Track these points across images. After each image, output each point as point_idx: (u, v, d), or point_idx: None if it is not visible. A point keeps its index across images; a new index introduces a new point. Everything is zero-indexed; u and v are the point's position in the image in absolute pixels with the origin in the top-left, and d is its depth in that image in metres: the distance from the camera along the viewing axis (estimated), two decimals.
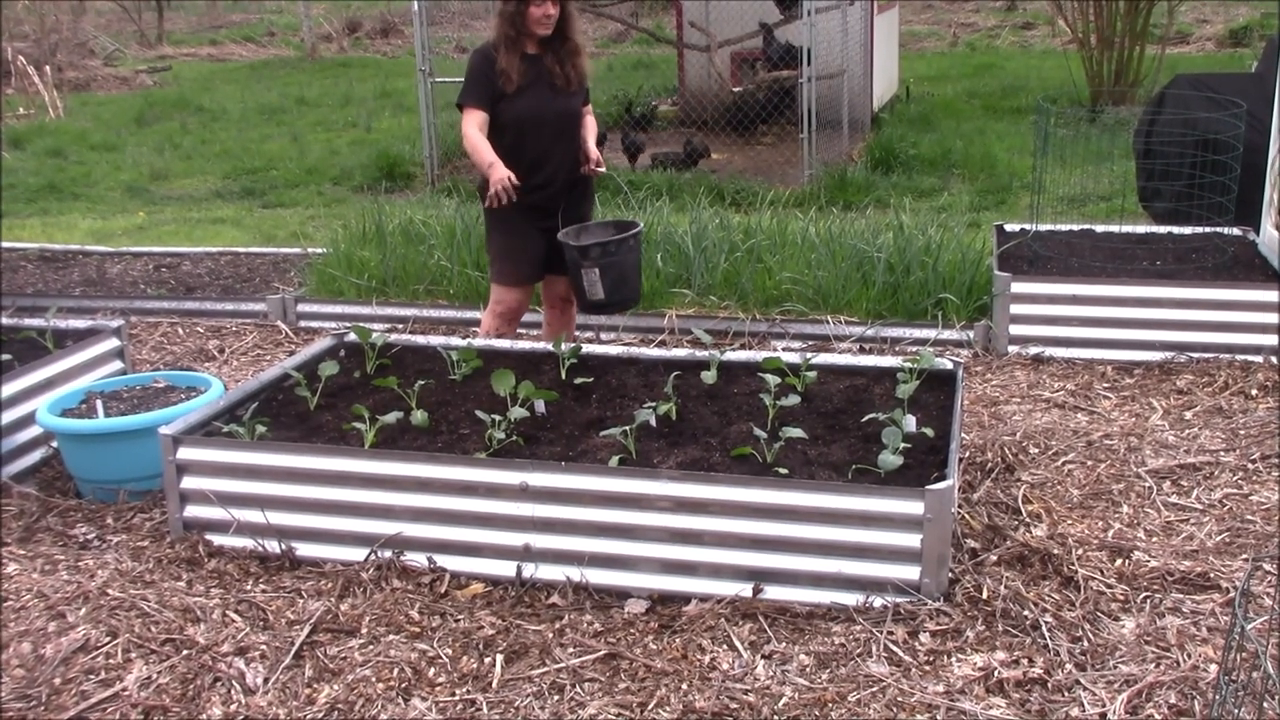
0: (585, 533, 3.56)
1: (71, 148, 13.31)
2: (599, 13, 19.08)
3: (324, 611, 3.46)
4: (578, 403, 4.27)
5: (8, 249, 8.19)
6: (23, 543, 4.00)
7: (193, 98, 17.10)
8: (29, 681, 3.17)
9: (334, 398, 4.38)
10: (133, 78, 20.18)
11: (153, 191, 11.19)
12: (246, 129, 14.53)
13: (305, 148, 13.01)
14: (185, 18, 30.84)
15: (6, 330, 5.05)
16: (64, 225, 9.64)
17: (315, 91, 17.53)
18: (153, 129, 14.68)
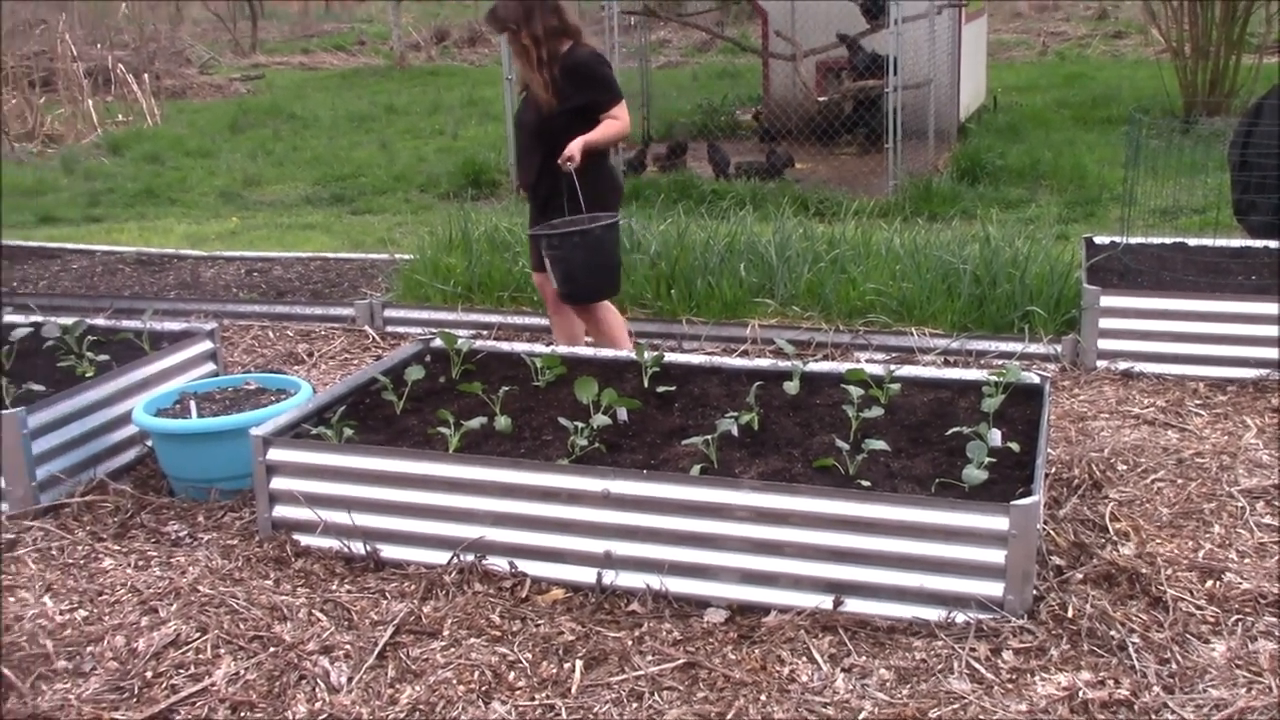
0: (666, 541, 3.57)
1: (168, 154, 13.65)
2: (685, 22, 19.12)
3: (407, 613, 3.51)
4: (660, 411, 4.29)
5: (108, 252, 8.41)
6: (118, 538, 4.11)
7: (285, 105, 17.45)
8: (122, 674, 3.26)
9: (419, 402, 4.44)
10: (227, 85, 20.64)
11: (245, 197, 11.44)
12: (337, 136, 14.79)
13: (393, 155, 13.21)
14: (278, 27, 31.48)
15: (105, 332, 5.19)
16: (160, 230, 9.89)
17: (404, 99, 17.79)
18: (246, 135, 15.00)
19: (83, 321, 5.13)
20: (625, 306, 6.39)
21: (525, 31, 4.99)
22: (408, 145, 13.89)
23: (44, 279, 7.79)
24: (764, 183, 10.28)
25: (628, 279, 6.54)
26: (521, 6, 4.98)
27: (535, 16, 4.98)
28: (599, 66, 5.08)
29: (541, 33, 4.99)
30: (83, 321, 5.13)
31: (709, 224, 7.32)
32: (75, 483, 4.42)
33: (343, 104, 17.77)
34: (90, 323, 5.21)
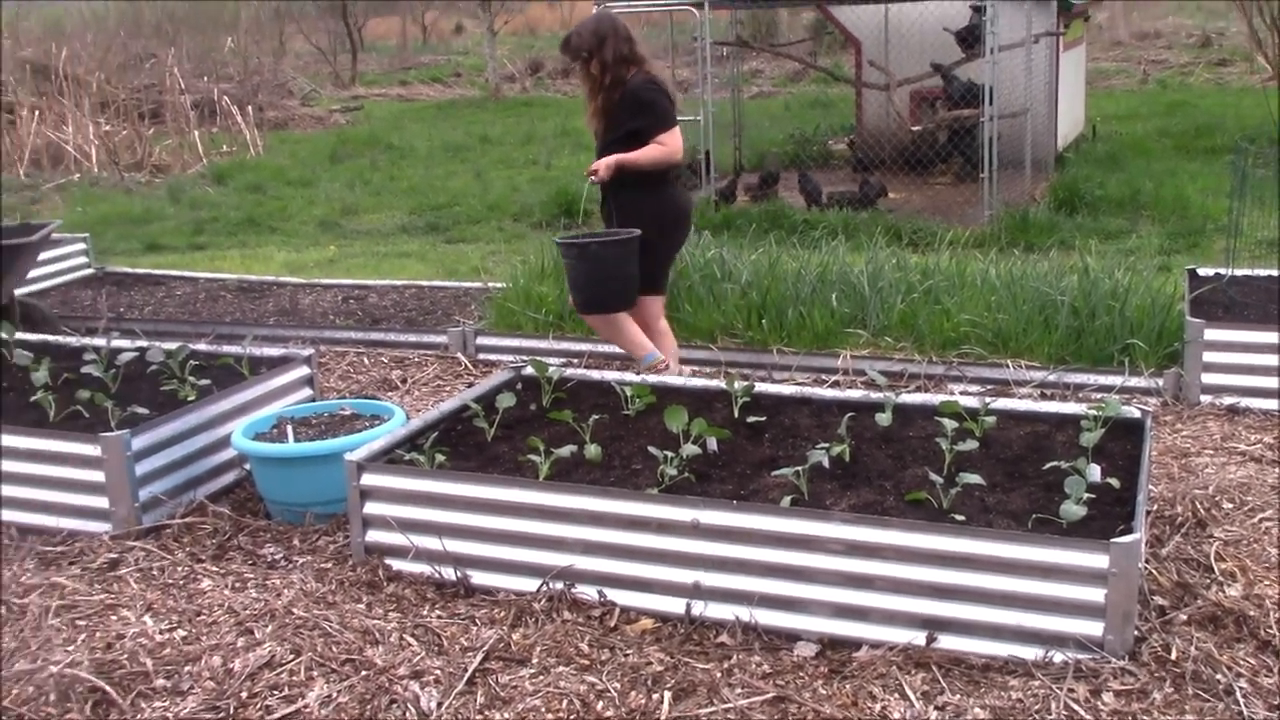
0: (755, 572, 3.54)
1: (270, 183, 13.98)
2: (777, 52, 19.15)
3: (496, 640, 3.52)
4: (750, 441, 4.26)
5: (211, 279, 8.63)
6: (216, 560, 4.19)
7: (382, 136, 17.79)
8: (218, 694, 3.31)
9: (510, 429, 4.47)
10: (327, 117, 21.11)
11: (343, 226, 11.66)
12: (432, 166, 15.03)
13: (487, 185, 13.38)
14: (377, 59, 32.14)
15: (207, 356, 5.31)
16: (261, 257, 10.12)
17: (498, 130, 18.03)
18: (345, 166, 15.32)
19: (186, 346, 5.26)
20: (716, 336, 6.39)
21: (596, 59, 5.19)
22: (501, 175, 14.07)
23: (149, 305, 8.00)
24: (856, 212, 10.22)
25: (718, 308, 6.54)
26: (596, 35, 5.19)
27: (608, 44, 5.17)
28: (648, 92, 5.19)
29: (611, 59, 5.18)
30: (186, 346, 5.26)
31: (800, 254, 7.29)
32: (176, 504, 4.52)
33: (438, 134, 18.07)
34: (193, 348, 5.34)
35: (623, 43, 5.20)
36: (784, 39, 22.41)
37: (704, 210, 10.40)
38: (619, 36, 5.20)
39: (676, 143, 5.22)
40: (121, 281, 8.72)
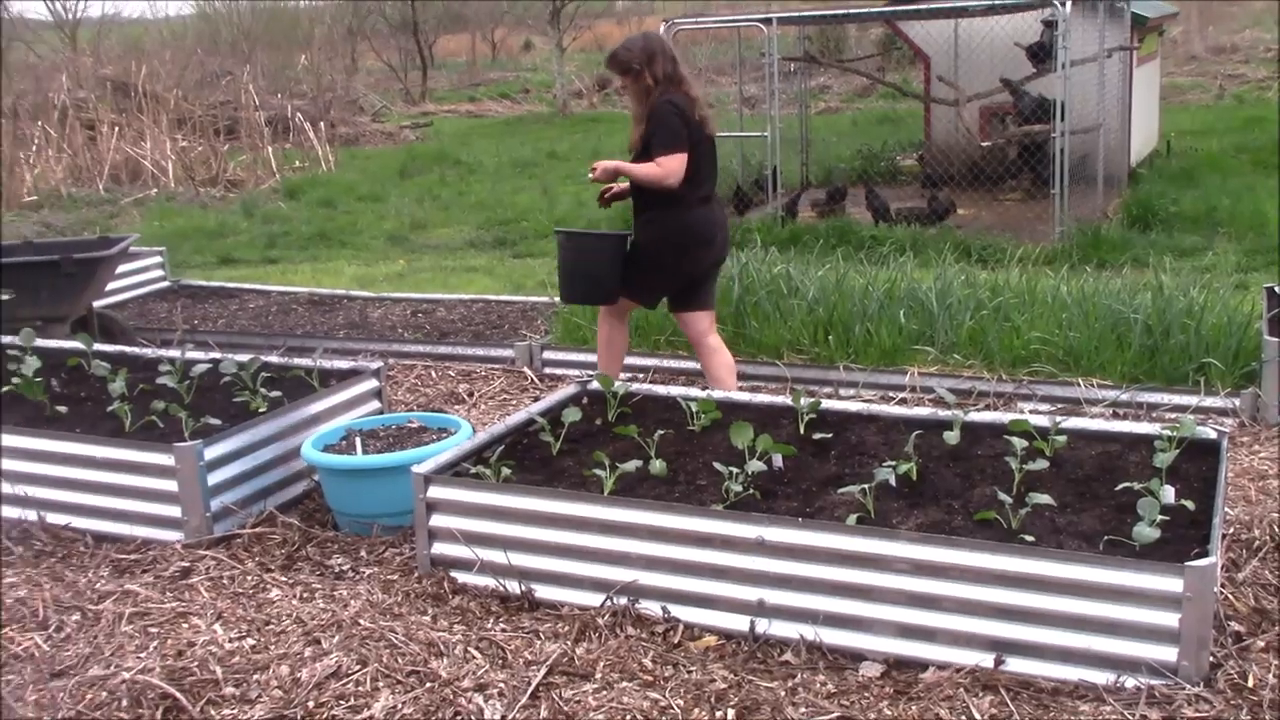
0: (821, 591, 3.51)
1: (341, 199, 14.17)
2: (845, 68, 19.08)
3: (560, 654, 3.53)
4: (816, 458, 4.24)
5: (283, 292, 8.75)
6: (285, 570, 4.24)
7: (451, 151, 17.96)
8: (286, 703, 3.34)
9: (576, 444, 4.48)
10: (397, 133, 21.37)
11: (412, 240, 11.79)
12: (500, 181, 15.14)
13: (554, 200, 13.45)
14: (447, 76, 32.50)
15: (278, 368, 5.38)
16: (331, 271, 10.25)
17: (565, 146, 18.14)
18: (414, 181, 15.49)
19: (258, 358, 5.34)
20: (782, 352, 6.37)
21: (648, 73, 5.30)
22: (568, 190, 14.14)
23: (223, 317, 8.14)
24: (925, 228, 10.14)
25: (784, 324, 6.52)
26: (646, 52, 5.31)
27: (657, 60, 5.30)
28: (661, 110, 5.25)
29: (660, 76, 5.29)
30: (258, 358, 5.34)
31: (868, 270, 7.25)
32: (247, 514, 4.58)
33: (506, 150, 18.21)
34: (264, 360, 5.42)
35: (668, 62, 5.32)
36: (852, 54, 22.32)
37: (770, 226, 10.38)
38: (666, 56, 5.33)
39: (671, 166, 5.18)
40: (196, 294, 8.88)
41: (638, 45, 5.36)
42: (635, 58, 5.30)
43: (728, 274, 6.90)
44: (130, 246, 7.31)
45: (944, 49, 12.84)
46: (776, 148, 10.95)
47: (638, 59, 5.29)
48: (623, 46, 5.43)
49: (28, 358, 5.37)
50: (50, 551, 4.46)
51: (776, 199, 11.00)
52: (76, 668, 3.58)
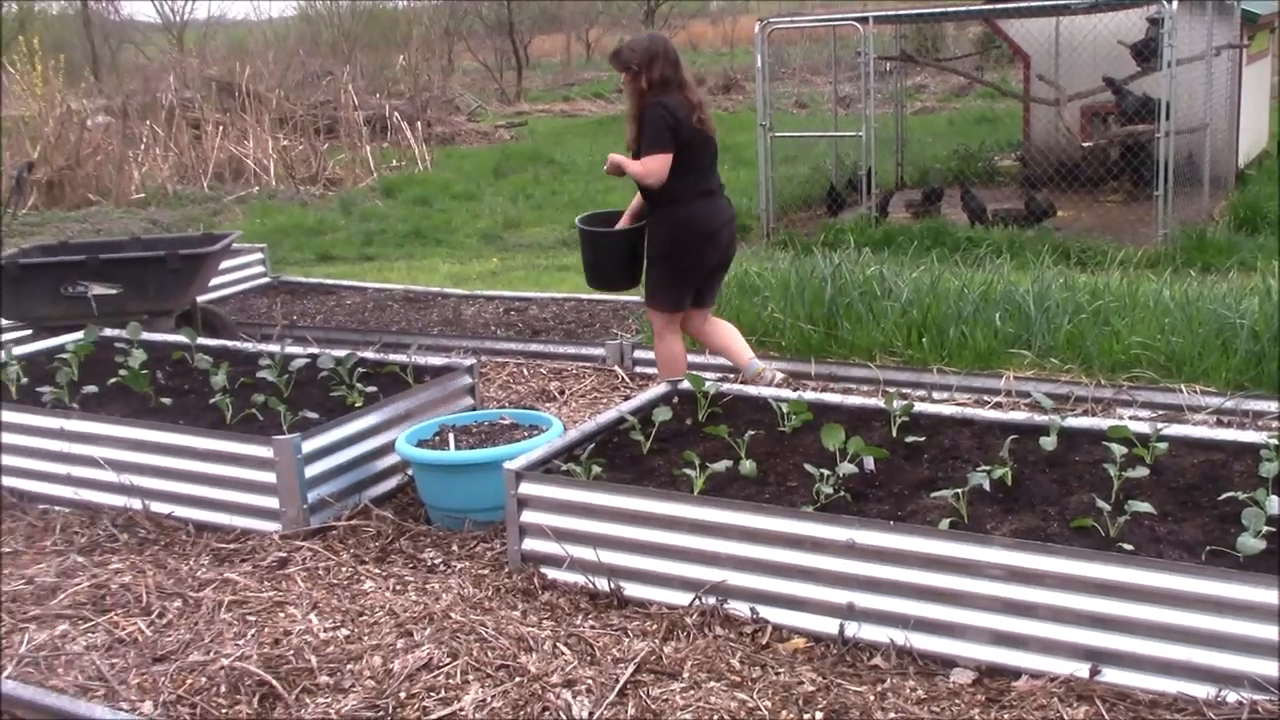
0: (911, 595, 3.48)
1: (436, 197, 14.35)
2: (942, 67, 18.84)
3: (648, 652, 3.54)
4: (908, 462, 4.20)
5: (379, 289, 8.89)
6: (379, 562, 4.31)
7: (545, 151, 18.09)
8: (378, 693, 3.40)
9: (666, 443, 4.49)
10: (492, 132, 21.59)
11: (505, 239, 11.90)
12: (593, 180, 15.21)
13: None
14: (542, 76, 32.76)
15: (374, 364, 5.47)
16: (426, 269, 10.39)
17: None
18: (508, 180, 15.63)
19: (354, 354, 5.43)
20: (875, 354, 6.31)
21: (645, 75, 5.42)
22: None
23: (321, 313, 8.30)
24: (1022, 230, 9.98)
25: (877, 325, 6.46)
26: (648, 54, 5.44)
27: (656, 64, 5.41)
28: (651, 111, 5.39)
29: (656, 79, 5.41)
30: (354, 354, 5.43)
31: (963, 272, 7.15)
32: (342, 507, 4.67)
33: (599, 149, 18.26)
34: (361, 355, 5.51)
35: (669, 66, 5.44)
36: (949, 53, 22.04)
37: (863, 227, 10.29)
38: (667, 60, 5.45)
39: (652, 166, 5.36)
40: (295, 290, 9.06)
41: (641, 46, 5.51)
42: (636, 58, 5.43)
43: (820, 274, 6.86)
44: (233, 243, 7.48)
45: (1044, 47, 12.61)
46: (871, 148, 10.85)
47: (638, 60, 5.42)
48: (627, 46, 5.59)
49: (134, 350, 5.52)
50: (154, 539, 4.58)
51: (871, 200, 10.90)
52: (177, 653, 3.68)
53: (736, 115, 22.25)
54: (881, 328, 6.44)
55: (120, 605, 4.03)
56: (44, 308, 6.65)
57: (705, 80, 27.31)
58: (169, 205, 14.47)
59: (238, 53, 21.18)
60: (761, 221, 11.09)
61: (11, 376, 5.44)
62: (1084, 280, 6.92)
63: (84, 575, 4.26)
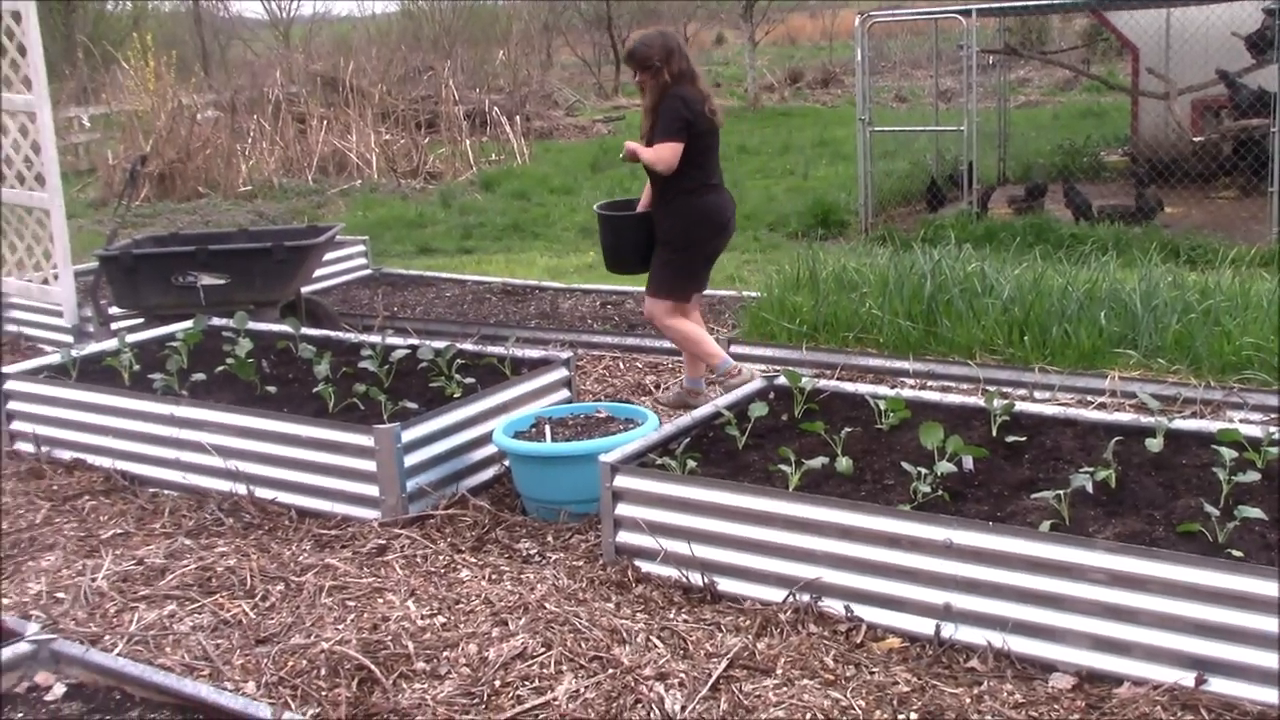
0: (1010, 598, 3.42)
1: (534, 191, 14.45)
2: (1048, 60, 18.49)
3: (741, 648, 3.53)
4: (1008, 462, 4.13)
5: (478, 282, 8.99)
6: (475, 551, 4.36)
7: None
8: (473, 681, 3.44)
9: (761, 439, 4.48)
10: (589, 126, 21.67)
11: None
12: None
13: (744, 194, 13.41)
14: None
15: (472, 356, 5.54)
16: (524, 262, 10.47)
17: (756, 140, 18.08)
18: (604, 174, 15.68)
19: (453, 346, 5.50)
20: (975, 352, 6.22)
21: (666, 70, 5.53)
22: (758, 185, 14.10)
23: (421, 305, 8.41)
24: (1129, 227, 9.75)
25: (977, 323, 6.36)
26: (665, 49, 5.56)
27: (674, 57, 5.57)
28: (666, 101, 5.52)
29: (676, 72, 5.55)
30: (453, 346, 5.50)
31: (1067, 269, 7.01)
32: (440, 496, 4.73)
33: None
34: (460, 347, 5.58)
35: (683, 59, 5.61)
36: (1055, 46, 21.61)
37: (964, 223, 10.14)
38: (681, 53, 5.62)
39: (663, 153, 5.48)
40: (395, 282, 9.20)
41: (657, 43, 5.60)
42: (655, 55, 5.54)
43: (920, 270, 6.78)
44: (336, 235, 7.62)
45: (1154, 39, 12.30)
46: (973, 143, 10.69)
47: (658, 56, 5.53)
48: (642, 44, 5.68)
49: (241, 340, 5.66)
50: (258, 524, 4.69)
51: (972, 195, 10.74)
52: (280, 635, 3.76)
53: (835, 110, 22.07)
54: (982, 325, 6.34)
55: (225, 587, 4.13)
56: (155, 297, 6.84)
57: (803, 74, 27.15)
58: (274, 198, 14.78)
59: (342, 48, 21.52)
60: (860, 217, 10.99)
61: (125, 363, 5.61)
62: (1193, 279, 6.74)
63: (191, 558, 4.38)
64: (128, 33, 23.79)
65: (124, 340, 5.92)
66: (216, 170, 15.22)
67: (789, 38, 37.61)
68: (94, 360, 5.83)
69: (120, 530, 4.72)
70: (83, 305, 7.28)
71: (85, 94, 18.94)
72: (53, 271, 7.37)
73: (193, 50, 28.63)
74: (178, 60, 17.85)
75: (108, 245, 7.22)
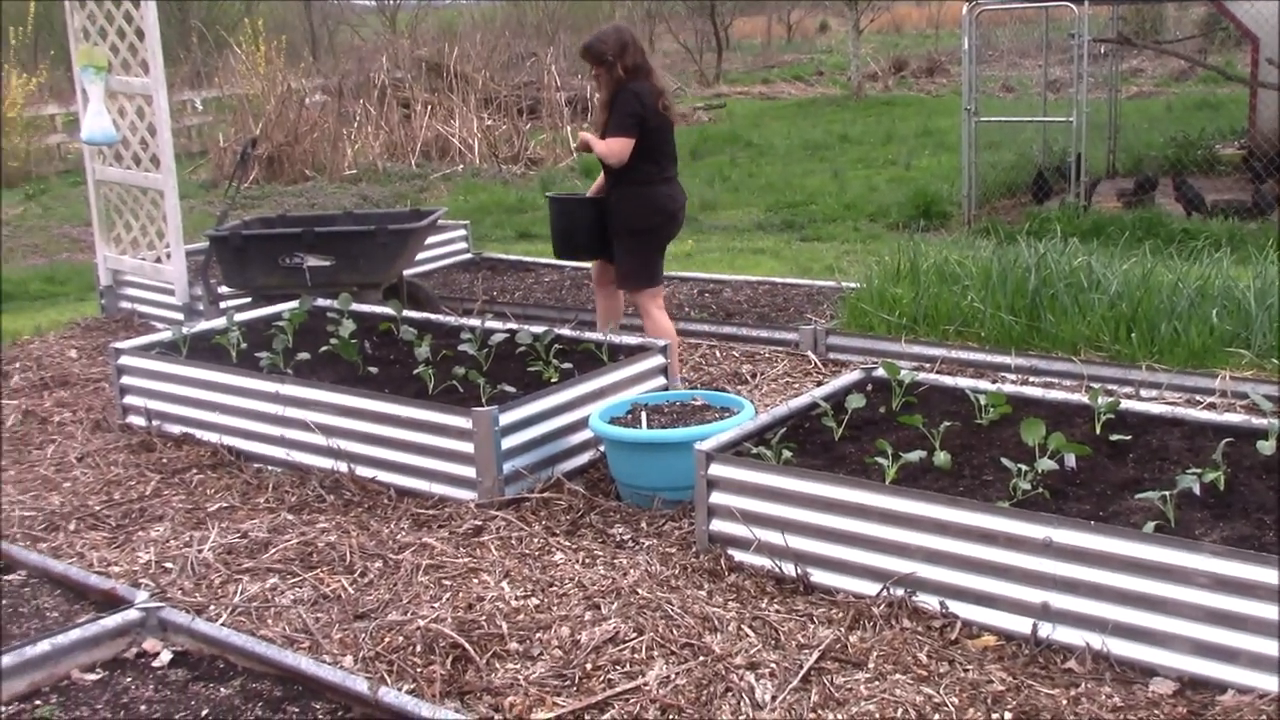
0: (1111, 599, 3.36)
1: None
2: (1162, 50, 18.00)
3: (833, 640, 3.52)
4: (1112, 461, 4.05)
5: (576, 268, 9.02)
6: (569, 535, 4.40)
7: (742, 133, 18.04)
8: (565, 663, 3.48)
9: (858, 430, 4.44)
10: (690, 114, 21.61)
11: (700, 221, 11.91)
12: (790, 164, 15.11)
13: (845, 184, 13.31)
14: (741, 58, 32.63)
15: (569, 341, 5.57)
16: None
17: (858, 129, 17.90)
18: (704, 162, 15.64)
19: (551, 331, 5.54)
20: (1079, 348, 6.10)
21: (620, 64, 5.74)
22: (859, 174, 13.97)
23: (519, 290, 8.48)
24: (1244, 223, 9.47)
25: (1083, 318, 6.24)
26: (619, 43, 5.77)
27: (628, 51, 5.78)
28: (623, 99, 5.76)
29: (630, 65, 5.75)
30: (551, 331, 5.54)
31: (1177, 265, 6.83)
32: (535, 479, 4.78)
33: (798, 133, 18.14)
34: (557, 332, 5.62)
35: (638, 53, 5.83)
36: (1170, 35, 21.03)
37: (1071, 216, 9.93)
38: (636, 47, 5.84)
39: (614, 147, 5.73)
40: (495, 267, 9.29)
41: (612, 38, 5.80)
42: (610, 49, 5.73)
43: (1024, 263, 6.66)
44: (438, 220, 7.71)
45: (1275, 29, 11.89)
46: (1083, 134, 10.45)
47: (612, 50, 5.73)
48: (597, 39, 5.86)
49: (345, 321, 5.76)
50: (358, 502, 4.78)
51: (1079, 187, 10.51)
52: (377, 611, 3.83)
53: (939, 99, 21.76)
54: (1087, 321, 6.21)
55: (325, 563, 4.22)
56: (262, 277, 7.00)
57: (908, 63, 26.78)
58: (379, 181, 15.01)
59: (447, 34, 21.74)
60: (963, 209, 10.83)
61: (232, 341, 5.75)
62: None
63: (293, 532, 4.48)
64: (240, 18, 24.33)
65: (232, 319, 6.06)
66: (323, 154, 15.51)
67: (894, 25, 37.12)
68: (203, 338, 5.99)
69: (226, 504, 4.85)
70: (193, 284, 7.48)
71: (198, 78, 19.41)
72: (165, 251, 7.58)
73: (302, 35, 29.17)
74: (287, 45, 18.22)
75: (218, 226, 7.39)
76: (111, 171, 7.86)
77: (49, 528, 4.66)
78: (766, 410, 4.79)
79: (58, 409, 6.17)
